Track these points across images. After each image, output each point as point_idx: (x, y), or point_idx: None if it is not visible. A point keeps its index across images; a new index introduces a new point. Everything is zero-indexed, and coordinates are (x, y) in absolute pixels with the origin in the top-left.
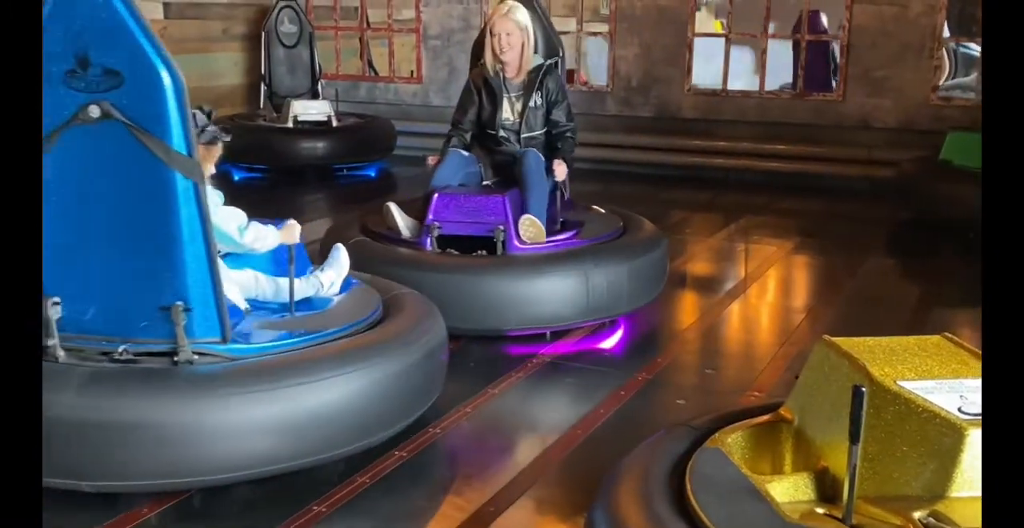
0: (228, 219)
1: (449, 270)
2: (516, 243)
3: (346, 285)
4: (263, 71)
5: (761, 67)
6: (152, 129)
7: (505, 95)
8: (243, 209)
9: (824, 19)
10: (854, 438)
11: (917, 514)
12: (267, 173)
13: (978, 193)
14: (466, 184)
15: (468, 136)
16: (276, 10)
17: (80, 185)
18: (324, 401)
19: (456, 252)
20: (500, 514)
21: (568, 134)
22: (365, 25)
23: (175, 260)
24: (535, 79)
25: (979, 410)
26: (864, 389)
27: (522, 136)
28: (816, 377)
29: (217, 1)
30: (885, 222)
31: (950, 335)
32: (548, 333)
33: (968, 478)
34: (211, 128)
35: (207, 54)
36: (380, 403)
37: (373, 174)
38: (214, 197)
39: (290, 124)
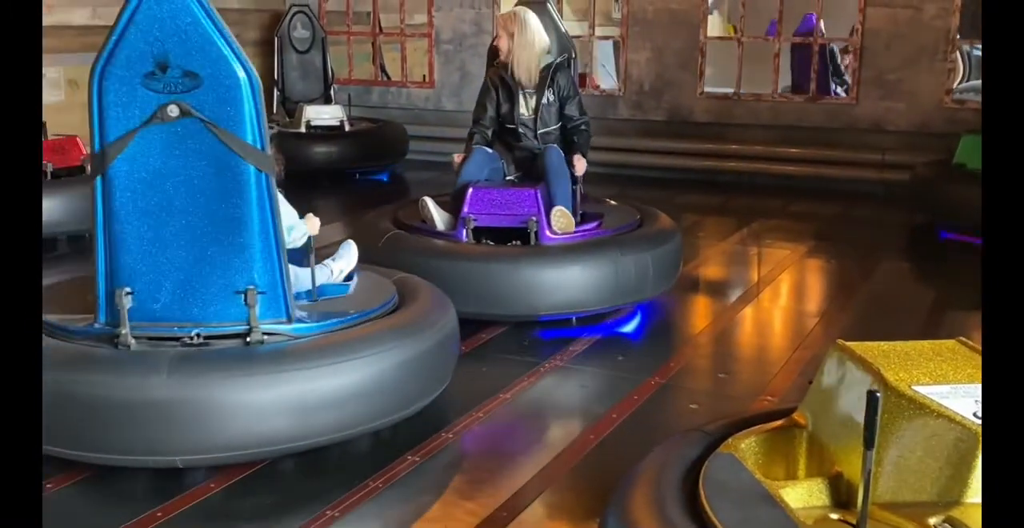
0: (284, 218)
1: (487, 259)
2: (548, 233)
3: (350, 275)
4: (276, 76)
5: (774, 71)
6: (229, 126)
7: (520, 92)
8: None
9: (821, 23)
10: (868, 443)
11: (932, 520)
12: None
13: None
14: (491, 179)
15: (489, 133)
16: (289, 15)
17: (157, 180)
18: (380, 371)
19: (492, 243)
20: (513, 519)
21: (583, 127)
22: (377, 30)
23: (249, 247)
24: (547, 77)
25: None
26: (879, 394)
27: (538, 131)
28: (830, 382)
29: (230, 7)
30: (899, 226)
31: (965, 339)
32: (574, 319)
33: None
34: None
35: None
36: (426, 371)
37: (386, 178)
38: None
39: (303, 129)
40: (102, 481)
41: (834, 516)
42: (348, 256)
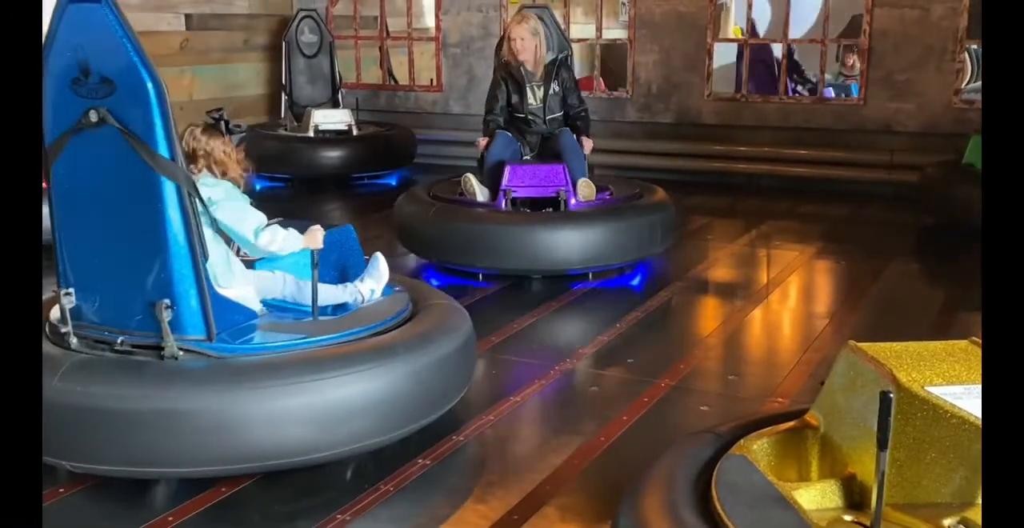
0: (243, 221)
1: (528, 224)
2: (573, 201)
3: (385, 292)
4: (284, 81)
5: (783, 72)
6: (140, 133)
7: (528, 84)
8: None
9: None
10: (882, 444)
11: (947, 521)
12: (288, 182)
13: None
14: (511, 159)
15: (501, 120)
16: (296, 20)
17: (86, 185)
18: (302, 403)
19: (528, 210)
20: (524, 522)
21: (583, 114)
22: (385, 34)
23: (161, 259)
24: (551, 71)
25: None
26: (891, 395)
27: (547, 118)
28: (842, 383)
29: (238, 12)
30: (908, 226)
31: (978, 340)
32: (590, 274)
33: None
34: (235, 129)
35: (229, 65)
36: (350, 410)
37: (394, 182)
38: (237, 200)
39: (311, 133)
40: (114, 486)
41: (848, 518)
42: (377, 274)
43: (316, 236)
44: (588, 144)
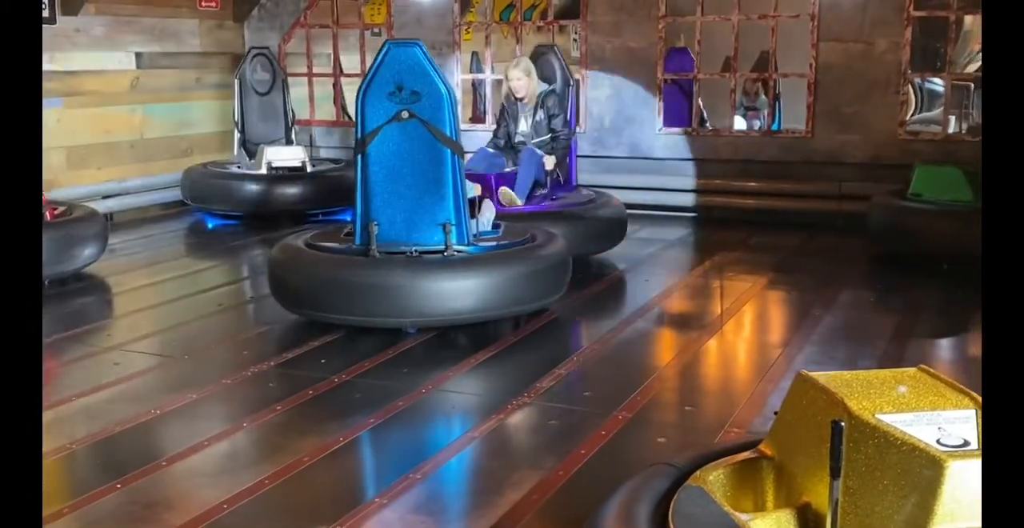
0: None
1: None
2: (497, 205)
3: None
4: (236, 118)
5: (731, 107)
6: (436, 124)
7: (521, 115)
8: (219, 255)
9: (693, 58)
10: (835, 473)
11: None
12: (242, 220)
13: (947, 224)
14: (488, 170)
15: (501, 142)
16: (249, 58)
17: (394, 156)
18: (518, 273)
19: None
20: None
21: (561, 137)
22: (339, 71)
23: (447, 198)
24: (539, 103)
25: (958, 442)
26: (843, 424)
27: (533, 142)
28: (795, 412)
29: (190, 51)
30: (858, 256)
31: (926, 367)
32: None
33: (949, 510)
34: None
35: (181, 103)
36: (538, 281)
37: (348, 219)
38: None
39: (264, 170)
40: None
41: None
42: (490, 211)
43: (477, 188)
44: (548, 162)
